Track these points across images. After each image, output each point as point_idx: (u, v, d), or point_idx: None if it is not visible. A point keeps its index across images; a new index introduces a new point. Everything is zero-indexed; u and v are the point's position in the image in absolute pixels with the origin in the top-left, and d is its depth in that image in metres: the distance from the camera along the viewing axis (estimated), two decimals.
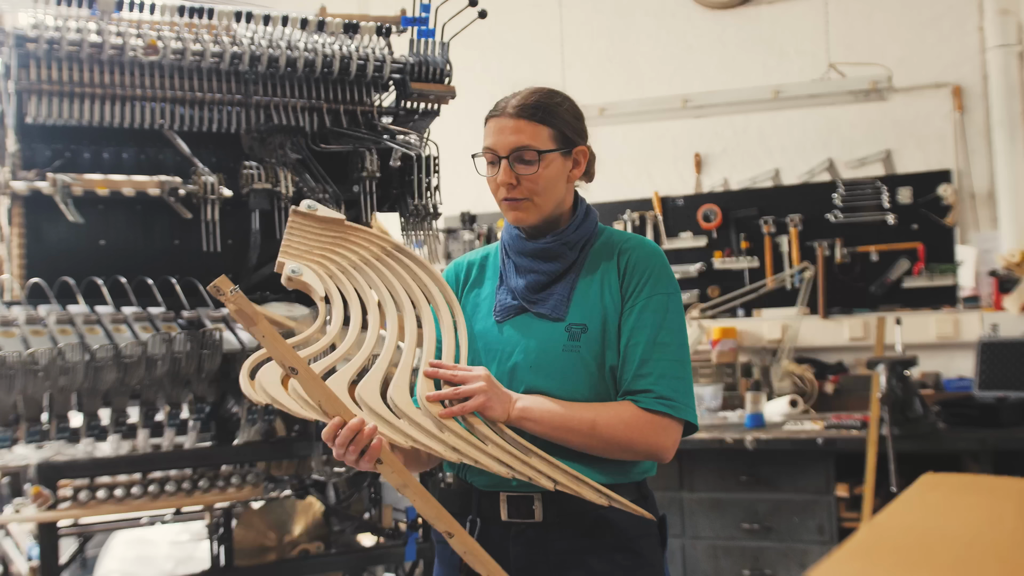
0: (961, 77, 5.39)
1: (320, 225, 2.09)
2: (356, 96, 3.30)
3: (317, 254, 2.05)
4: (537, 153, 2.03)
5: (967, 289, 5.28)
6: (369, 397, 1.87)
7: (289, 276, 1.99)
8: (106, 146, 3.15)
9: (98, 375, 2.64)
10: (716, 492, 4.71)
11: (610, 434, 1.97)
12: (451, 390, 1.91)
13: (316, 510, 3.22)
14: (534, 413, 1.95)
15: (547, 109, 2.05)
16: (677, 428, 2.02)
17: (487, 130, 2.08)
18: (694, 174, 6.03)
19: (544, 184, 2.05)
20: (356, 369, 1.91)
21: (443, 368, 1.95)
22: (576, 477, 1.92)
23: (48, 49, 2.86)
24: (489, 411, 1.91)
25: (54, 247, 3.06)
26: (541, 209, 2.08)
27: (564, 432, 1.96)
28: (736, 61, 5.92)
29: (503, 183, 2.04)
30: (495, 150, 2.05)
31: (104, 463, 2.75)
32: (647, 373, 2.01)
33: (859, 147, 5.62)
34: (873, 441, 4.37)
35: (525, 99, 2.06)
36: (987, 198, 5.33)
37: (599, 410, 1.99)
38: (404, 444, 1.85)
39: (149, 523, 3.64)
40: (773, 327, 5.61)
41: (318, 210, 2.09)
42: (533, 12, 6.35)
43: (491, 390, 1.92)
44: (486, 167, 2.10)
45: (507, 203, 2.07)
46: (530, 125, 2.03)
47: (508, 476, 1.88)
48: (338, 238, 2.09)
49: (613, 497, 1.94)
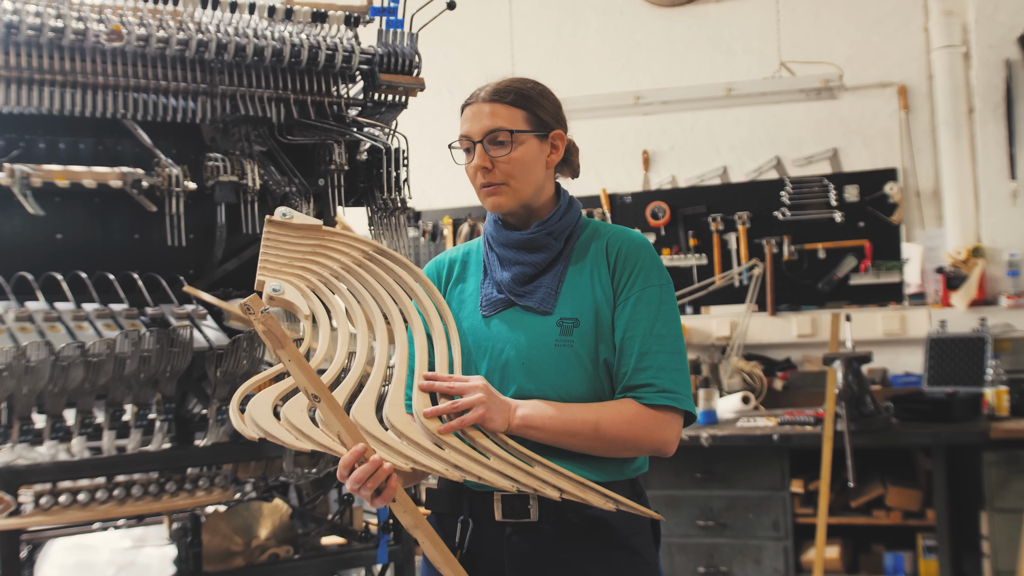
0: (907, 77, 5.49)
1: (297, 233, 2.00)
2: (323, 87, 3.22)
3: (298, 266, 1.97)
4: (509, 133, 2.00)
5: (913, 286, 5.38)
6: (364, 419, 1.81)
7: (271, 295, 1.91)
8: (62, 136, 3.02)
9: (65, 375, 2.52)
10: (671, 489, 4.71)
11: (614, 434, 1.94)
12: (448, 404, 1.86)
13: (283, 513, 3.13)
14: (536, 420, 1.92)
15: (520, 92, 2.04)
16: (679, 420, 2.01)
17: (462, 119, 2.06)
18: (642, 171, 6.04)
19: (519, 166, 2.02)
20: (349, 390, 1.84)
21: (438, 381, 1.90)
22: (581, 483, 1.89)
23: (6, 33, 2.72)
24: (489, 422, 1.87)
25: (8, 241, 2.92)
26: (519, 193, 2.04)
27: (567, 437, 1.93)
28: (685, 59, 5.96)
29: (478, 167, 2.01)
30: (469, 136, 2.03)
31: (68, 467, 2.63)
32: (647, 367, 1.98)
33: (806, 145, 5.70)
34: (829, 437, 4.42)
35: (498, 84, 2.05)
36: (932, 196, 5.43)
37: (601, 411, 1.96)
38: (406, 467, 1.80)
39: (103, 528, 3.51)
40: (722, 324, 5.65)
41: (294, 217, 2.00)
42: (482, 7, 6.31)
43: (490, 400, 1.88)
44: (462, 156, 2.07)
45: (484, 189, 2.04)
46: (504, 108, 2.01)
47: (513, 490, 1.85)
48: (317, 246, 2.01)
49: (620, 501, 1.91)
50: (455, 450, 1.82)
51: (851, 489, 4.54)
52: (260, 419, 1.74)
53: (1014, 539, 4.22)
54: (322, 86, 3.21)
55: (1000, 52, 5.20)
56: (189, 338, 2.70)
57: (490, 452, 1.85)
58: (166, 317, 2.88)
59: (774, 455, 4.60)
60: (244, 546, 3.04)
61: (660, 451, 2.00)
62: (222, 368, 2.76)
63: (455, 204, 6.29)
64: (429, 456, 1.80)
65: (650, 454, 2.03)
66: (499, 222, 2.11)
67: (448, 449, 1.82)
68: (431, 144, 5.94)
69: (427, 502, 2.16)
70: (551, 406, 1.94)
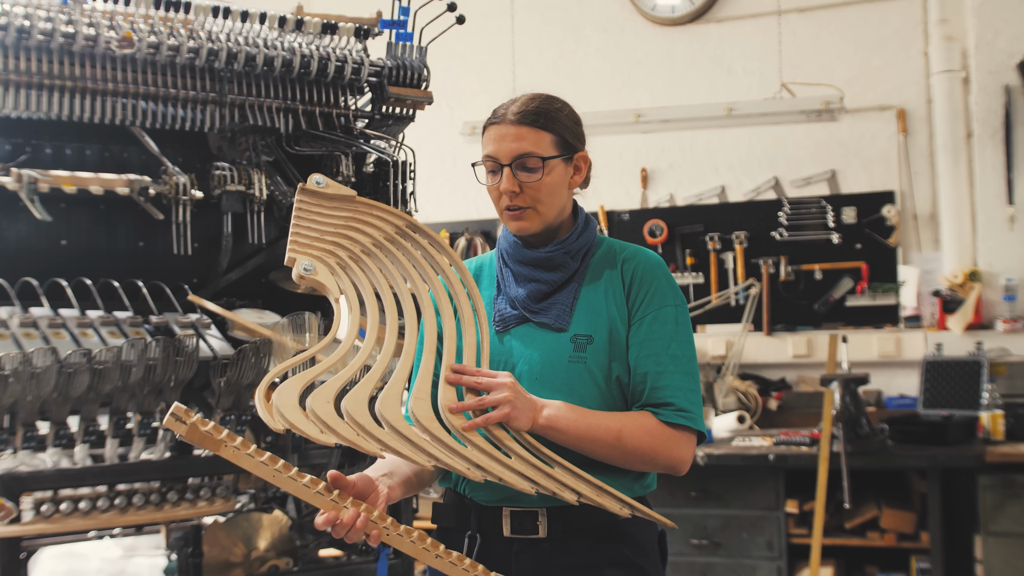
0: (906, 100, 5.51)
1: (330, 204, 1.93)
2: (332, 98, 3.22)
3: (328, 240, 1.91)
4: (540, 160, 1.99)
5: (909, 308, 5.39)
6: (389, 413, 1.79)
7: (301, 274, 1.87)
8: (69, 142, 3.02)
9: (70, 382, 2.50)
10: (666, 507, 4.70)
11: (635, 445, 1.94)
12: (475, 400, 1.85)
13: (283, 524, 3.12)
14: (560, 423, 1.90)
15: (548, 115, 2.02)
16: (694, 440, 2.02)
17: (486, 138, 2.04)
18: (640, 189, 6.05)
19: (547, 191, 2.02)
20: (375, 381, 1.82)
21: (466, 374, 1.89)
22: (599, 487, 1.89)
23: (17, 38, 2.72)
24: (514, 421, 1.85)
25: (14, 246, 2.92)
26: (544, 217, 2.04)
27: (589, 443, 1.92)
28: (685, 78, 5.97)
29: (506, 191, 2.00)
30: (496, 158, 2.00)
31: (71, 474, 2.61)
32: (664, 385, 1.99)
33: (805, 166, 5.71)
34: (825, 458, 4.42)
35: (526, 105, 2.02)
36: (929, 220, 5.45)
37: (624, 420, 1.96)
38: (427, 465, 1.79)
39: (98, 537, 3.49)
40: (718, 343, 5.65)
41: (328, 186, 1.94)
42: (483, 22, 6.31)
43: (516, 399, 1.86)
44: (486, 176, 2.05)
45: (509, 212, 2.03)
46: (532, 131, 1.99)
47: (532, 492, 1.84)
48: (350, 218, 1.94)
49: (636, 507, 1.91)
50: (477, 448, 1.81)
51: (846, 510, 4.54)
52: (286, 410, 1.71)
53: (1008, 563, 4.23)
54: (330, 97, 3.22)
55: (999, 78, 5.23)
56: (195, 347, 2.69)
57: (512, 451, 1.83)
58: (170, 326, 2.87)
59: (769, 475, 4.60)
60: (243, 557, 3.02)
61: (675, 468, 2.00)
62: (226, 378, 2.75)
63: (452, 218, 6.29)
64: (452, 455, 1.79)
65: (664, 471, 2.02)
66: (515, 238, 2.10)
67: (471, 447, 1.81)
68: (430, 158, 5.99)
69: (433, 517, 2.15)
70: (576, 410, 1.93)
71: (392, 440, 1.76)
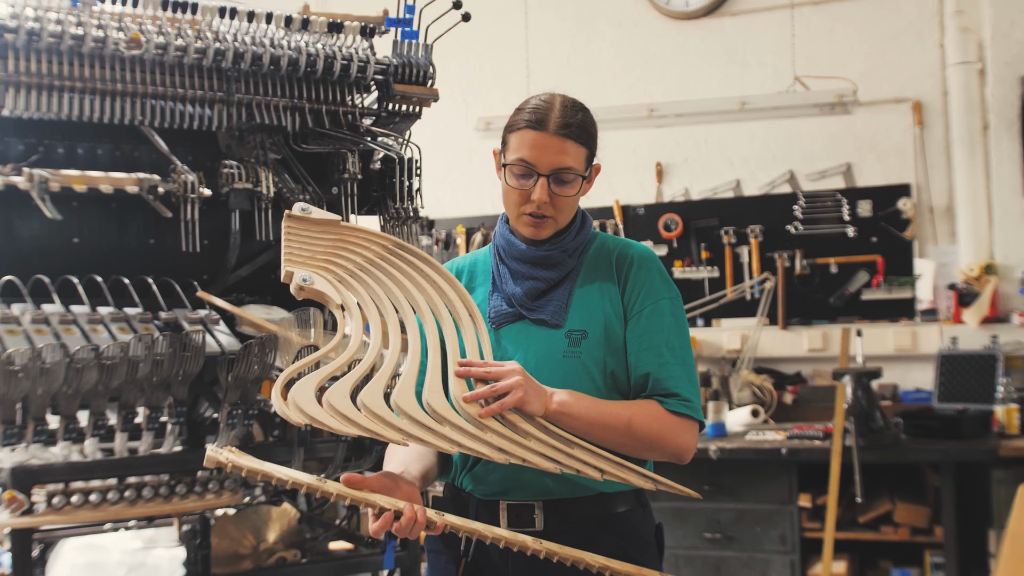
0: (921, 93, 5.49)
1: (317, 228, 2.03)
2: (338, 96, 3.25)
3: (321, 259, 1.99)
4: (578, 176, 2.02)
5: (925, 302, 5.38)
6: (407, 405, 1.82)
7: (300, 285, 1.93)
8: (80, 141, 3.06)
9: (79, 377, 2.55)
10: (679, 501, 4.72)
11: (644, 432, 1.96)
12: (488, 388, 1.87)
13: (291, 517, 3.16)
14: (572, 408, 1.92)
15: (587, 130, 2.04)
16: (696, 430, 2.05)
17: (521, 140, 2.01)
18: (655, 183, 6.06)
19: (571, 204, 2.07)
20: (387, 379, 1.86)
21: (475, 366, 1.91)
22: (620, 463, 1.89)
23: (27, 40, 2.77)
24: (527, 405, 1.86)
25: (26, 244, 2.96)
26: (559, 225, 2.08)
27: (600, 429, 1.93)
28: (699, 72, 5.97)
29: (539, 201, 2.00)
30: (535, 166, 2.00)
31: (81, 467, 2.67)
32: (667, 376, 2.01)
33: (820, 160, 5.70)
34: (837, 452, 4.42)
35: (569, 116, 2.01)
36: (945, 212, 5.43)
37: (633, 407, 1.98)
38: (451, 451, 1.81)
39: (114, 529, 3.55)
40: (733, 337, 5.66)
41: (312, 212, 2.03)
42: (497, 18, 6.34)
43: (527, 384, 1.88)
44: (514, 178, 2.04)
45: (530, 218, 2.04)
46: (574, 147, 2.00)
47: (557, 471, 1.85)
48: (337, 241, 2.03)
49: (660, 480, 1.93)
50: (496, 433, 1.83)
51: (859, 504, 4.53)
52: (305, 405, 1.75)
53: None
54: (337, 95, 3.24)
55: (1015, 69, 5.20)
56: (201, 342, 2.73)
57: (530, 435, 1.85)
58: (179, 322, 2.91)
59: (782, 469, 4.60)
60: (252, 549, 3.06)
61: (680, 456, 2.02)
62: (233, 373, 2.79)
63: (468, 213, 6.32)
64: (473, 440, 1.81)
65: (669, 459, 2.03)
66: (514, 235, 2.12)
67: (490, 433, 1.83)
68: (445, 153, 6.04)
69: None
70: (586, 398, 1.95)
71: (413, 428, 1.80)
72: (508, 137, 2.05)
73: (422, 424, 1.81)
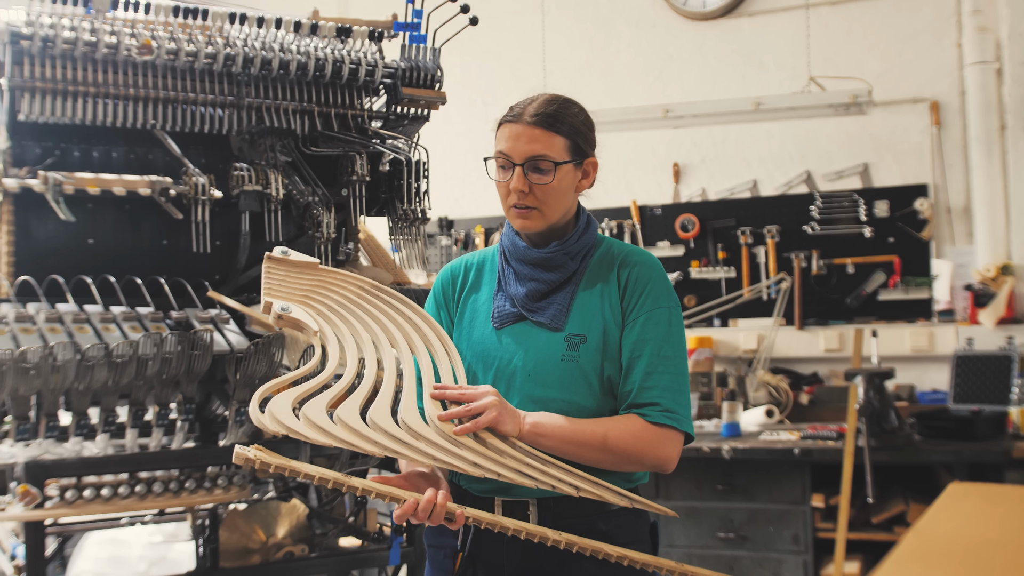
0: (939, 92, 5.47)
1: (296, 269, 2.11)
2: (347, 100, 3.30)
3: (299, 296, 2.07)
4: (552, 164, 2.05)
5: (942, 303, 5.36)
6: (382, 421, 1.87)
7: (279, 314, 2.01)
8: (96, 145, 3.14)
9: (89, 374, 2.62)
10: (692, 501, 4.75)
11: (621, 447, 1.99)
12: (463, 408, 1.92)
13: (300, 513, 3.22)
14: (545, 428, 1.96)
15: (564, 119, 2.07)
16: (680, 440, 2.06)
17: (501, 134, 2.09)
18: (672, 183, 6.08)
19: (555, 194, 2.08)
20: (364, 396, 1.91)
21: (449, 389, 1.97)
22: (595, 482, 1.94)
23: (42, 47, 2.84)
24: (501, 425, 1.92)
25: (43, 245, 3.04)
26: (548, 218, 2.10)
27: (575, 447, 1.97)
28: (716, 72, 5.98)
29: (516, 190, 2.05)
30: (510, 156, 2.06)
31: (92, 462, 2.74)
32: (652, 386, 2.04)
33: (837, 160, 5.70)
34: (849, 452, 4.42)
35: (543, 107, 2.07)
36: (963, 213, 5.41)
37: (608, 424, 2.01)
38: (426, 463, 1.86)
39: (129, 523, 3.62)
40: (749, 337, 5.66)
41: (291, 255, 2.11)
42: (515, 19, 6.38)
43: (501, 405, 1.93)
44: (497, 171, 2.11)
45: (515, 210, 2.09)
46: (546, 135, 2.05)
47: (532, 486, 1.89)
48: (316, 281, 2.11)
49: (635, 499, 1.97)
50: (471, 450, 1.87)
51: (873, 505, 4.53)
52: (282, 416, 1.81)
53: None
54: (346, 99, 3.30)
55: None
56: (209, 341, 2.80)
57: (505, 453, 1.90)
58: (190, 321, 2.98)
59: (795, 469, 4.61)
60: (261, 544, 3.13)
61: (661, 467, 2.05)
62: (241, 371, 2.85)
63: (487, 213, 6.37)
64: (448, 454, 1.86)
65: (652, 470, 2.08)
66: (518, 236, 2.16)
67: (464, 448, 1.87)
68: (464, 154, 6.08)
69: None
70: (559, 417, 1.99)
71: (388, 442, 1.85)
72: (495, 136, 2.11)
73: (397, 438, 1.86)
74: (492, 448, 1.90)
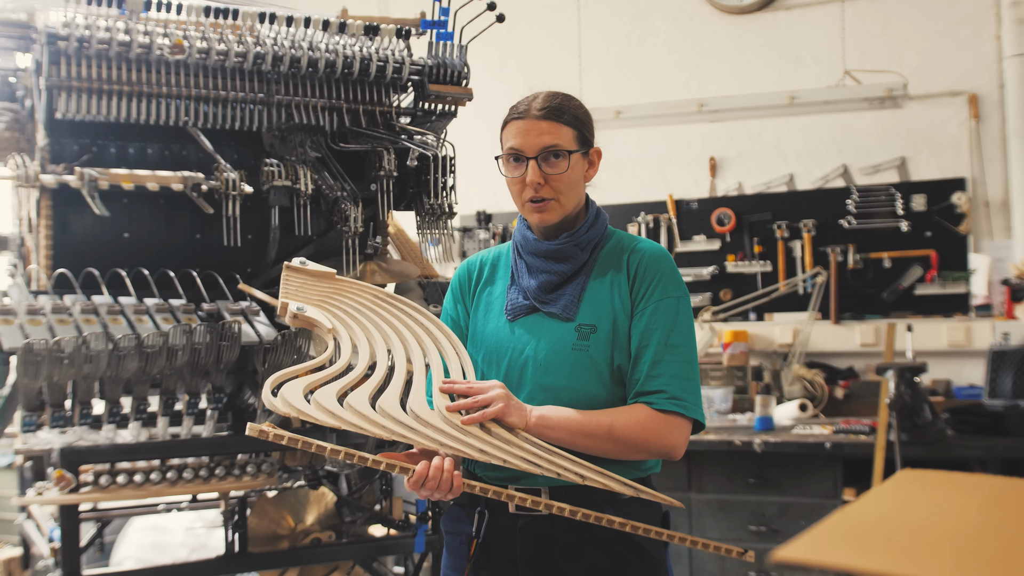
0: (977, 85, 5.42)
1: (313, 278, 2.19)
2: (375, 96, 3.37)
3: (315, 301, 2.14)
4: (566, 153, 2.10)
5: (979, 297, 5.31)
6: (391, 408, 1.94)
7: (295, 313, 2.08)
8: (131, 142, 3.23)
9: (121, 364, 2.72)
10: (724, 494, 4.76)
11: (627, 436, 2.03)
12: (470, 399, 1.97)
13: (328, 500, 3.29)
14: (552, 420, 2.01)
15: (568, 111, 2.13)
16: (688, 427, 2.09)
17: (509, 132, 2.13)
18: (708, 178, 6.07)
19: (569, 184, 2.12)
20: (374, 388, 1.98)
21: (457, 383, 2.02)
22: (601, 472, 1.98)
23: (78, 47, 2.94)
24: (508, 417, 1.97)
25: (80, 239, 3.14)
26: (564, 208, 2.15)
27: (582, 437, 2.02)
28: (752, 66, 5.97)
29: (532, 183, 2.10)
30: (522, 151, 2.11)
31: (125, 449, 2.83)
32: (659, 374, 2.07)
33: (874, 154, 5.66)
34: (881, 446, 4.41)
35: (548, 101, 2.12)
36: (1001, 207, 5.35)
37: (615, 414, 2.05)
38: (432, 448, 1.92)
39: (166, 510, 3.72)
40: (784, 331, 5.65)
41: (308, 265, 2.20)
42: (551, 14, 6.41)
43: (508, 398, 1.98)
44: (509, 168, 2.15)
45: (533, 204, 2.13)
46: (555, 126, 2.10)
47: (538, 473, 1.94)
48: (331, 289, 2.18)
49: (639, 488, 2.01)
50: (477, 438, 1.93)
51: None
52: (293, 399, 1.88)
53: None
54: (374, 96, 3.36)
55: None
56: (238, 332, 2.88)
57: (511, 443, 1.95)
58: (221, 312, 3.06)
59: (827, 463, 4.60)
60: (290, 530, 3.20)
61: (668, 455, 2.09)
62: (269, 361, 2.93)
63: None
64: (454, 440, 1.91)
65: (659, 457, 2.11)
66: (529, 231, 2.21)
67: (471, 436, 1.93)
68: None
69: None
70: (566, 409, 2.04)
71: (395, 427, 1.91)
72: (501, 136, 2.16)
73: (404, 423, 1.92)
74: (498, 437, 1.95)
